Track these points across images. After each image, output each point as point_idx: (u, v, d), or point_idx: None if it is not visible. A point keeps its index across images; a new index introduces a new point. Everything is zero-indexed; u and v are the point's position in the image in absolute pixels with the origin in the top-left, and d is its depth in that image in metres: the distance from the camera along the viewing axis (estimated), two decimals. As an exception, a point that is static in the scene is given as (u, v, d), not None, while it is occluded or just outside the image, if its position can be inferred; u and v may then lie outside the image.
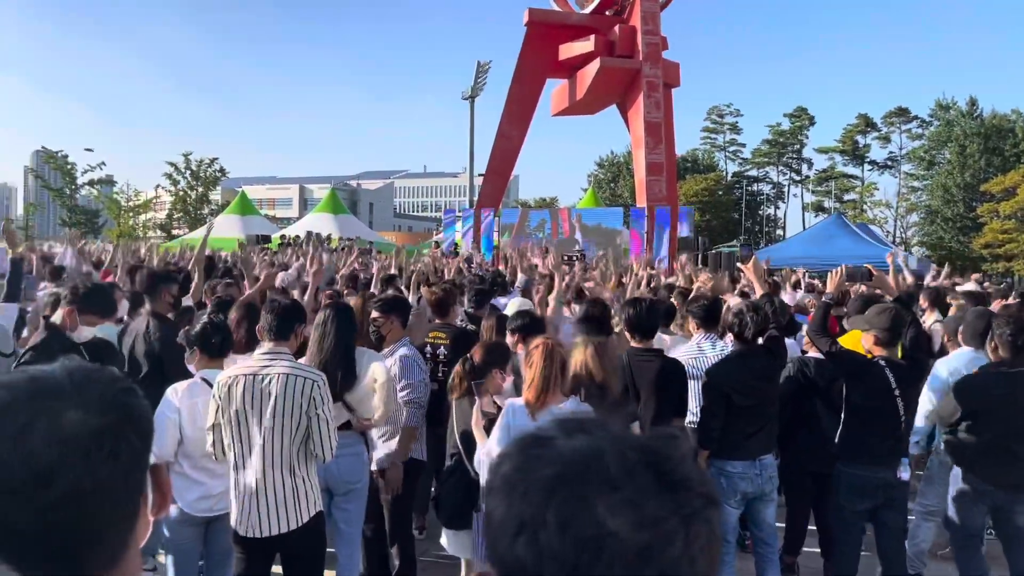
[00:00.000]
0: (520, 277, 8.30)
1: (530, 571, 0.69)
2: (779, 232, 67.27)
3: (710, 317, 5.13)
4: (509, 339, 4.52)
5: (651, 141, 23.41)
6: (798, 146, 68.92)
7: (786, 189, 71.98)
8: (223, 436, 3.42)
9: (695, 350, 5.06)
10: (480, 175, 31.96)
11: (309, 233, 25.61)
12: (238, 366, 3.52)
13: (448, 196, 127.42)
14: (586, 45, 24.90)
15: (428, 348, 5.23)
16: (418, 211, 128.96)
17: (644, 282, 7.71)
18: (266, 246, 22.12)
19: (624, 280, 8.33)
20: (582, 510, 0.69)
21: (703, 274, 8.85)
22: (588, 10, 26.37)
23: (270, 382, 3.35)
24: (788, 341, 5.13)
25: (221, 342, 3.81)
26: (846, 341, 4.63)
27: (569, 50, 25.49)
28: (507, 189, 34.08)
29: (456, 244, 24.68)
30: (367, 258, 14.91)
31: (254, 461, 3.36)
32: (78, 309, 4.27)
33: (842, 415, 4.25)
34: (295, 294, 5.90)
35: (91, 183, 36.70)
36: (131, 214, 37.37)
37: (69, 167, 35.88)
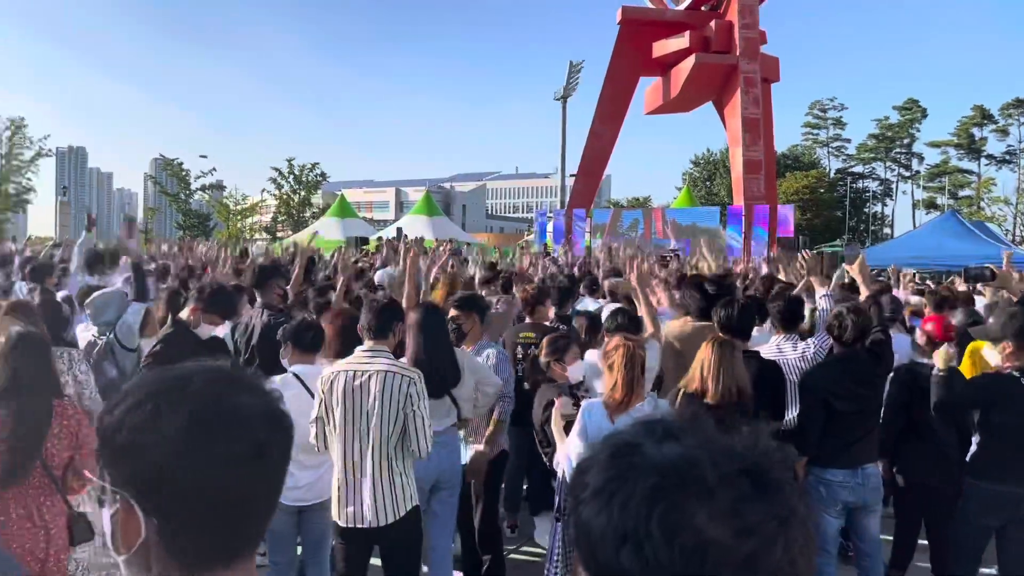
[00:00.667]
0: (612, 280, 8.22)
1: None
2: (886, 231, 64.09)
3: (789, 318, 4.93)
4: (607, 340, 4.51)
5: (749, 138, 22.78)
6: (908, 140, 65.54)
7: (894, 186, 68.62)
8: (325, 430, 3.56)
9: (774, 351, 4.85)
10: (572, 175, 31.89)
11: (399, 231, 26.19)
12: (341, 362, 3.64)
13: (539, 197, 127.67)
14: (681, 42, 24.46)
15: (519, 348, 5.26)
16: (510, 212, 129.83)
17: (742, 283, 7.51)
18: (364, 247, 22.77)
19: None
20: (684, 519, 0.69)
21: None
22: (683, 6, 25.90)
23: (370, 379, 3.47)
24: (901, 337, 4.90)
25: (312, 338, 4.01)
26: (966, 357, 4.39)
27: (663, 47, 25.11)
28: (599, 189, 33.86)
29: (546, 245, 24.70)
30: (456, 258, 15.11)
31: (354, 455, 3.49)
32: (202, 308, 4.54)
33: (973, 434, 4.01)
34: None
35: (203, 188, 38.76)
36: (239, 217, 39.24)
37: (184, 173, 38.02)
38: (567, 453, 3.60)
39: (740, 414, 3.54)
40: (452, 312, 4.63)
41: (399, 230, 26.29)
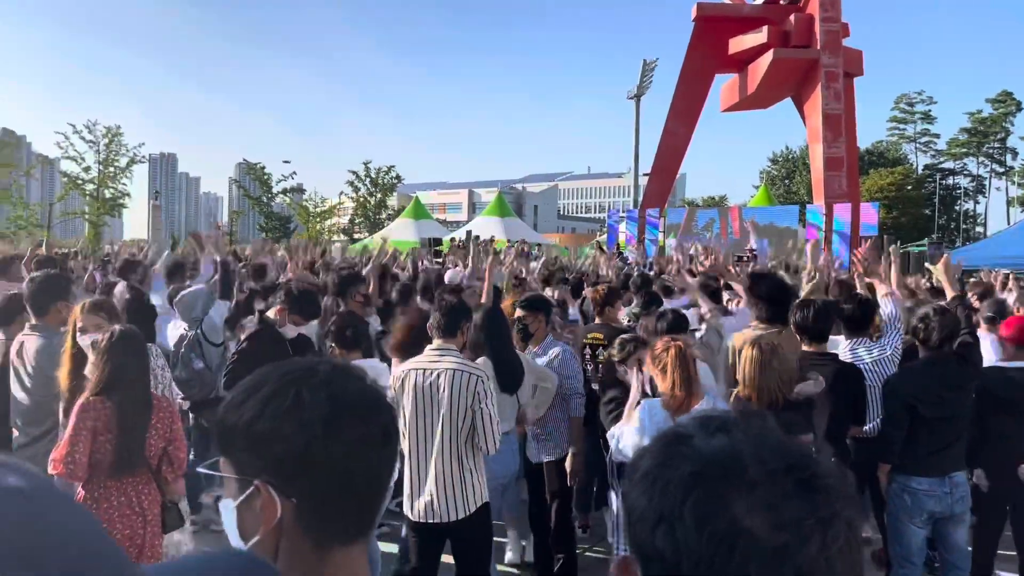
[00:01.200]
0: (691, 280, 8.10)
1: (668, 562, 0.73)
2: (979, 229, 60.97)
3: (859, 321, 4.71)
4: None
5: (830, 134, 22.08)
6: (1002, 135, 62.20)
7: (987, 182, 65.17)
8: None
9: (848, 355, 4.64)
10: (645, 175, 31.56)
11: (469, 233, 26.45)
12: (411, 360, 3.74)
13: (612, 197, 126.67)
14: (758, 37, 23.88)
15: (587, 349, 5.27)
16: (582, 212, 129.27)
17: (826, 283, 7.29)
18: (438, 248, 23.10)
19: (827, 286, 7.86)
20: (718, 507, 0.71)
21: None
22: (760, 0, 25.30)
23: (439, 377, 3.55)
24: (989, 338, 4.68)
25: (352, 336, 4.18)
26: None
27: (740, 43, 24.57)
28: (673, 188, 33.40)
29: (618, 245, 24.51)
30: (525, 260, 15.17)
31: (425, 452, 3.57)
32: (288, 309, 4.72)
33: None
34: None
35: (284, 191, 39.96)
36: (318, 219, 40.34)
37: (266, 177, 39.31)
38: (616, 436, 3.68)
39: (795, 418, 3.41)
40: (519, 313, 4.69)
41: (469, 232, 26.58)
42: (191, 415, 5.44)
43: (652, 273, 9.89)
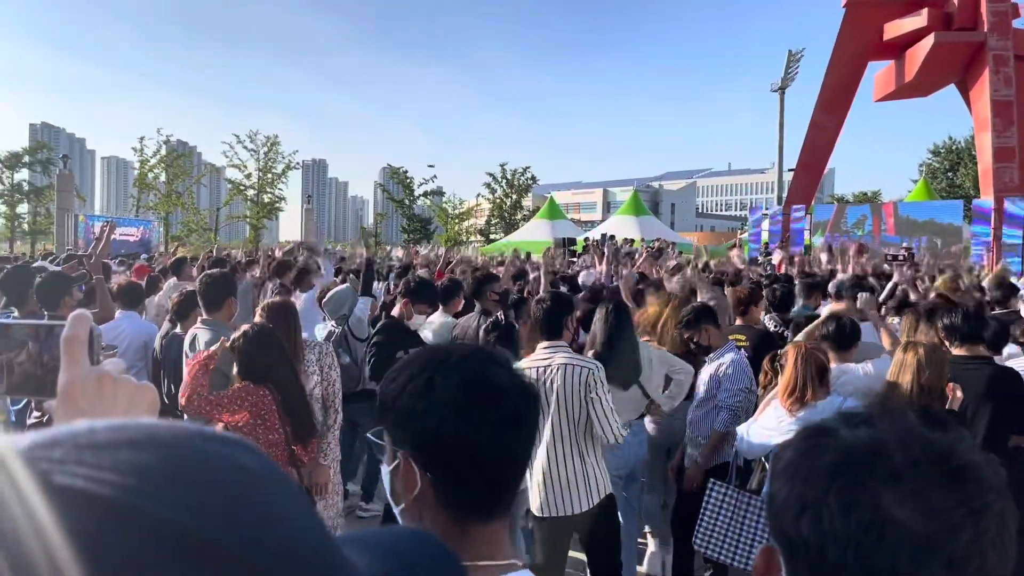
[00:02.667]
0: (838, 278, 7.71)
1: (813, 549, 0.73)
2: None
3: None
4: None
5: (999, 123, 20.23)
6: None
7: None
8: None
9: (1009, 361, 4.25)
10: (790, 170, 30.21)
11: (604, 236, 26.29)
12: (529, 358, 3.80)
13: (754, 194, 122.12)
14: (917, 20, 22.26)
15: (730, 350, 5.12)
16: (721, 210, 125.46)
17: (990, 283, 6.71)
18: (572, 248, 23.15)
19: (961, 284, 7.29)
20: (864, 495, 0.72)
21: None
22: (919, -19, 23.57)
23: (552, 373, 3.61)
24: None
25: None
26: None
27: (896, 28, 23.00)
28: (820, 184, 31.75)
29: (765, 245, 23.58)
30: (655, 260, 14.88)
31: (546, 446, 3.62)
32: (412, 301, 4.93)
33: None
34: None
35: (425, 194, 41.40)
36: (456, 221, 41.49)
37: (408, 181, 40.89)
38: (742, 433, 3.72)
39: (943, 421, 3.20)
40: (685, 334, 4.59)
41: (604, 235, 26.44)
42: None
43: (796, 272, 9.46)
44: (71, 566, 0.29)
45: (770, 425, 3.64)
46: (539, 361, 3.69)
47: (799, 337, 4.37)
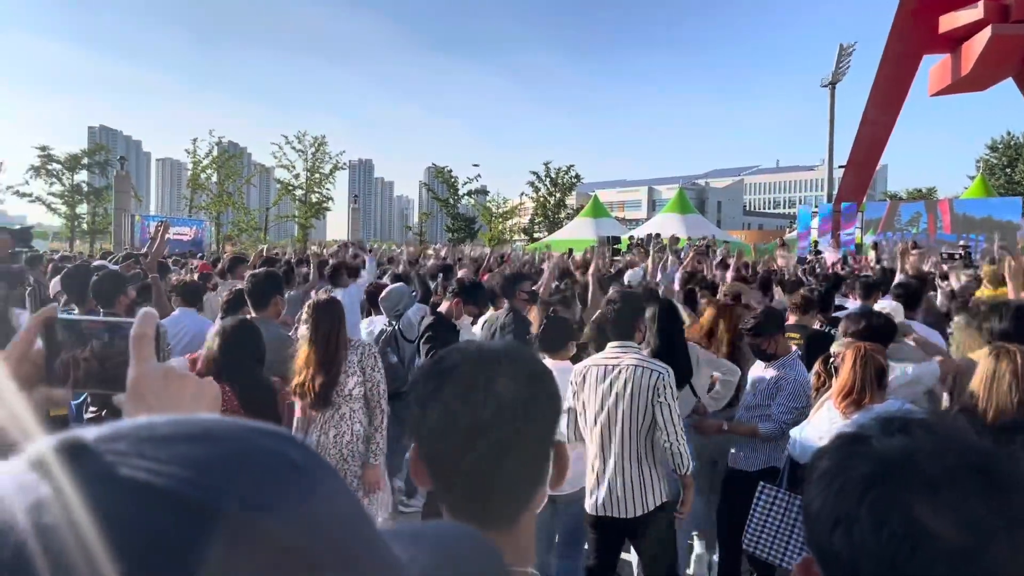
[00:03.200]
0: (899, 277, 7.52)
1: (846, 563, 0.72)
2: None
3: None
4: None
5: (1063, 116, 19.49)
6: None
7: None
8: (577, 420, 3.71)
9: None
10: (841, 167, 29.57)
11: (649, 236, 26.06)
12: (594, 357, 3.77)
13: (803, 191, 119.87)
14: (973, 12, 21.57)
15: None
16: (769, 208, 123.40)
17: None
18: (616, 247, 23.03)
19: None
20: (897, 508, 0.70)
21: None
22: (977, -29, 22.84)
23: (619, 373, 3.57)
24: None
25: (553, 338, 4.21)
26: None
27: (952, 20, 22.31)
28: (872, 181, 30.99)
29: (814, 243, 23.12)
30: (704, 258, 14.71)
31: (605, 447, 3.60)
32: (463, 301, 4.97)
33: None
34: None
35: (469, 193, 41.61)
36: (500, 220, 41.61)
37: (452, 180, 41.15)
38: (795, 435, 3.67)
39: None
40: (749, 341, 4.50)
41: (650, 235, 26.23)
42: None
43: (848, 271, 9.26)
44: (131, 552, 0.31)
45: (823, 427, 3.58)
46: (606, 360, 3.64)
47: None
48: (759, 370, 4.49)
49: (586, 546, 4.10)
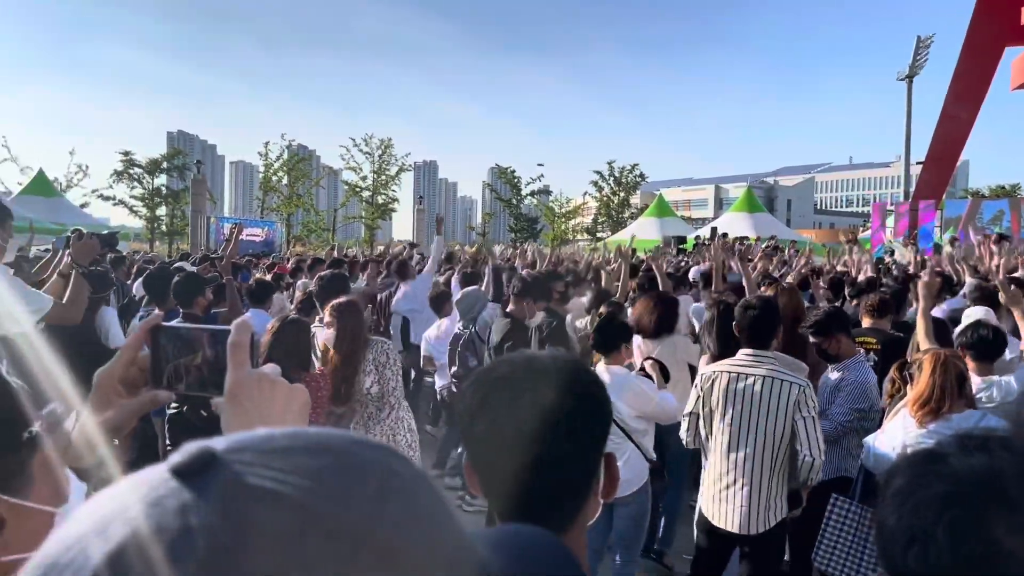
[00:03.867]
0: (969, 281, 7.22)
1: None
2: None
3: None
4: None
5: None
6: None
7: None
8: (699, 426, 3.61)
9: None
10: (918, 163, 28.51)
11: (713, 230, 25.60)
12: (722, 362, 3.60)
13: (877, 188, 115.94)
14: (1062, 0, 20.51)
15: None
16: (842, 206, 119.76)
17: None
18: (681, 247, 22.72)
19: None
20: (976, 528, 0.69)
21: None
22: (1067, -45, 21.67)
23: (754, 383, 3.41)
24: None
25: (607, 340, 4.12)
26: None
27: (1039, 8, 21.26)
28: (952, 177, 29.75)
29: (889, 243, 22.34)
30: (771, 258, 14.37)
31: (731, 458, 3.46)
32: (533, 299, 4.98)
33: None
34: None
35: (532, 193, 41.65)
36: (563, 220, 41.52)
37: (515, 180, 41.26)
38: (869, 444, 3.54)
39: None
40: (813, 340, 4.38)
41: (713, 229, 25.78)
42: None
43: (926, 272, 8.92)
44: (257, 555, 0.34)
45: (897, 437, 3.46)
46: (739, 368, 3.48)
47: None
48: (827, 375, 4.38)
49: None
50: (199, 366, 0.85)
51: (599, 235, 40.96)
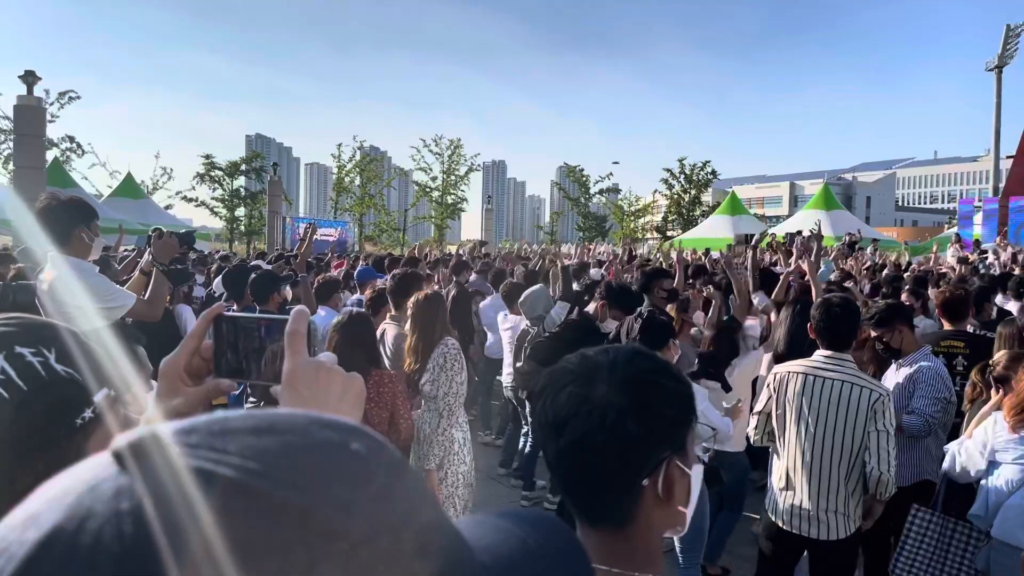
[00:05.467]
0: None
1: None
2: None
3: None
4: None
5: None
6: None
7: None
8: (771, 425, 3.52)
9: None
10: (1008, 157, 27.10)
11: (789, 236, 24.87)
12: (797, 362, 3.50)
13: (964, 184, 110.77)
14: None
15: (942, 358, 4.68)
16: (926, 202, 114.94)
17: None
18: (754, 245, 22.16)
19: None
20: None
21: None
22: None
23: (831, 387, 3.30)
24: None
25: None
26: None
27: None
28: (1047, 172, 28.12)
29: (976, 240, 21.31)
30: (847, 255, 13.87)
31: (805, 462, 3.35)
32: (608, 304, 4.92)
33: None
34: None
35: (601, 192, 41.38)
36: (632, 218, 41.11)
37: (584, 179, 41.07)
38: (954, 451, 3.39)
39: None
40: (873, 333, 4.22)
41: (789, 235, 25.07)
42: (528, 404, 5.93)
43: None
44: (188, 538, 0.33)
45: (985, 443, 3.27)
46: (815, 370, 3.37)
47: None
48: (892, 375, 4.17)
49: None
50: (260, 355, 0.86)
51: (669, 233, 40.38)
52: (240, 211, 36.87)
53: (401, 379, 4.02)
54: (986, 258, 13.22)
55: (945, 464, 3.52)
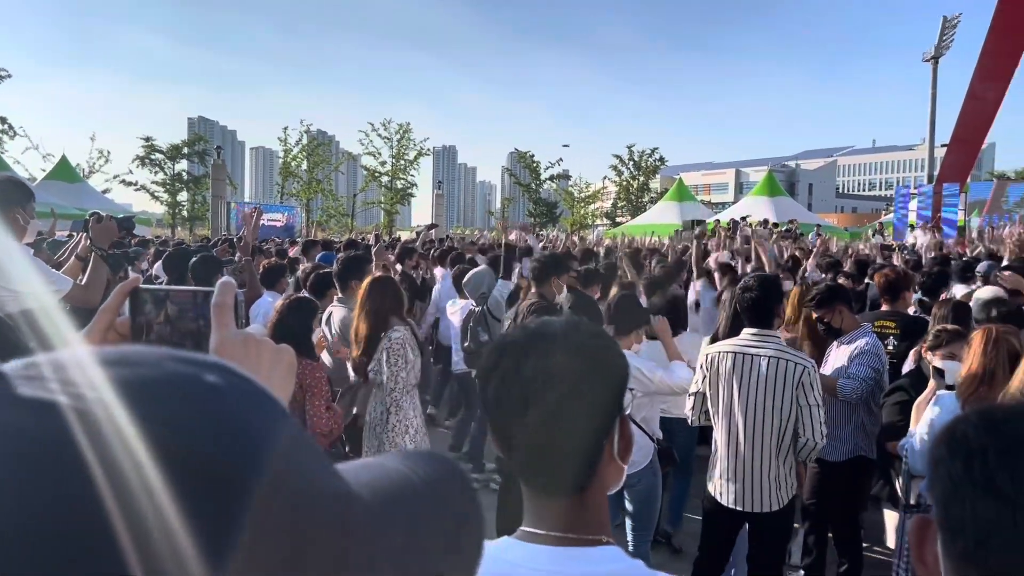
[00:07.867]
0: (982, 264, 7.13)
1: None
2: None
3: None
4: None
5: None
6: None
7: None
8: (707, 405, 3.60)
9: None
10: (942, 146, 28.07)
11: (733, 221, 25.35)
12: (726, 342, 3.60)
13: (901, 172, 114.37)
14: (1096, -25, 20.00)
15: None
16: (865, 189, 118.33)
17: None
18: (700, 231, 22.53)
19: None
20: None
21: None
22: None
23: (758, 363, 3.39)
24: None
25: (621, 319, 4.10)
26: None
27: (1071, -15, 20.75)
28: (978, 160, 29.25)
29: (911, 226, 22.05)
30: (795, 243, 14.23)
31: (739, 438, 3.45)
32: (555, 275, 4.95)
33: None
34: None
35: (551, 178, 41.51)
36: (582, 204, 41.39)
37: (534, 165, 41.12)
38: (911, 444, 3.41)
39: None
40: (815, 314, 4.36)
41: (733, 221, 25.55)
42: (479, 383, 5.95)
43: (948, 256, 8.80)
44: (41, 470, 0.32)
45: (936, 423, 3.32)
46: (743, 348, 3.46)
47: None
48: (834, 353, 4.31)
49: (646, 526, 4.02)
50: (181, 328, 0.85)
51: (618, 220, 40.75)
52: (182, 196, 35.94)
53: (322, 369, 3.88)
54: (905, 246, 13.69)
55: (906, 460, 3.56)
